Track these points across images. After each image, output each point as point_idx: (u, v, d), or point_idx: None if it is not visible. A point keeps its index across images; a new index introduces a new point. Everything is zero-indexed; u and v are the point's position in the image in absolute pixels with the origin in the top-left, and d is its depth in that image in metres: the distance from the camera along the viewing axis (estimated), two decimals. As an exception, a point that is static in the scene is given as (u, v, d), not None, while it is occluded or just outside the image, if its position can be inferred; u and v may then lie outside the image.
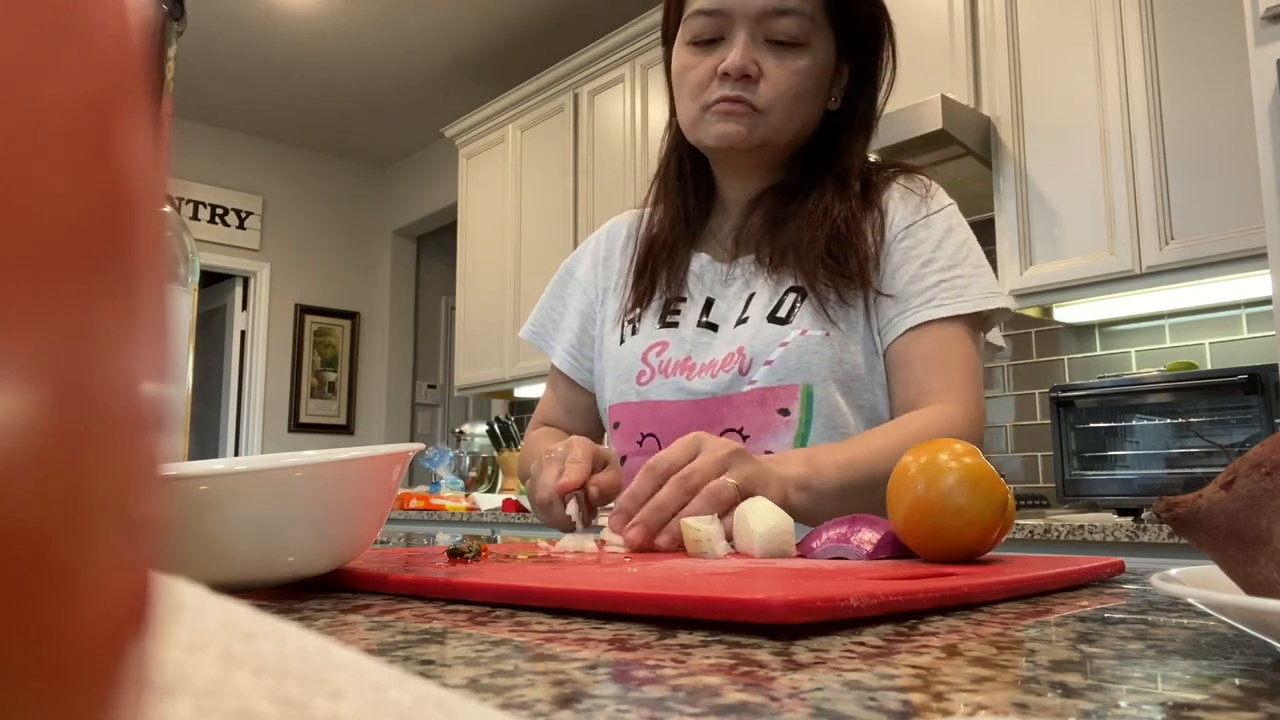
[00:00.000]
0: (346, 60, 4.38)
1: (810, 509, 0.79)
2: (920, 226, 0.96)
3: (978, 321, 0.96)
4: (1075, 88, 2.26)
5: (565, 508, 0.81)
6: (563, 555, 0.65)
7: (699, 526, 0.63)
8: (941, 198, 1.00)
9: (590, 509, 0.81)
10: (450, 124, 4.46)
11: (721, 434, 0.93)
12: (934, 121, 2.22)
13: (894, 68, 1.02)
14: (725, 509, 0.70)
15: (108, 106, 0.09)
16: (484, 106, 4.22)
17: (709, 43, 0.96)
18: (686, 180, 1.06)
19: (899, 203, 0.98)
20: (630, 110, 3.52)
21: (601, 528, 0.75)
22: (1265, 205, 1.79)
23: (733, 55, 0.93)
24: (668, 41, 1.05)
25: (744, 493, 0.71)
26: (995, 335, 1.05)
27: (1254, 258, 1.94)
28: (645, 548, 0.70)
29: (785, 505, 0.76)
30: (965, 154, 2.35)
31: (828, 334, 0.93)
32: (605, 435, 1.14)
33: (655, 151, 3.82)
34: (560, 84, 3.84)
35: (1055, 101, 2.29)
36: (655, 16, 3.40)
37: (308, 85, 4.63)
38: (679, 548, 0.68)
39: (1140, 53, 2.15)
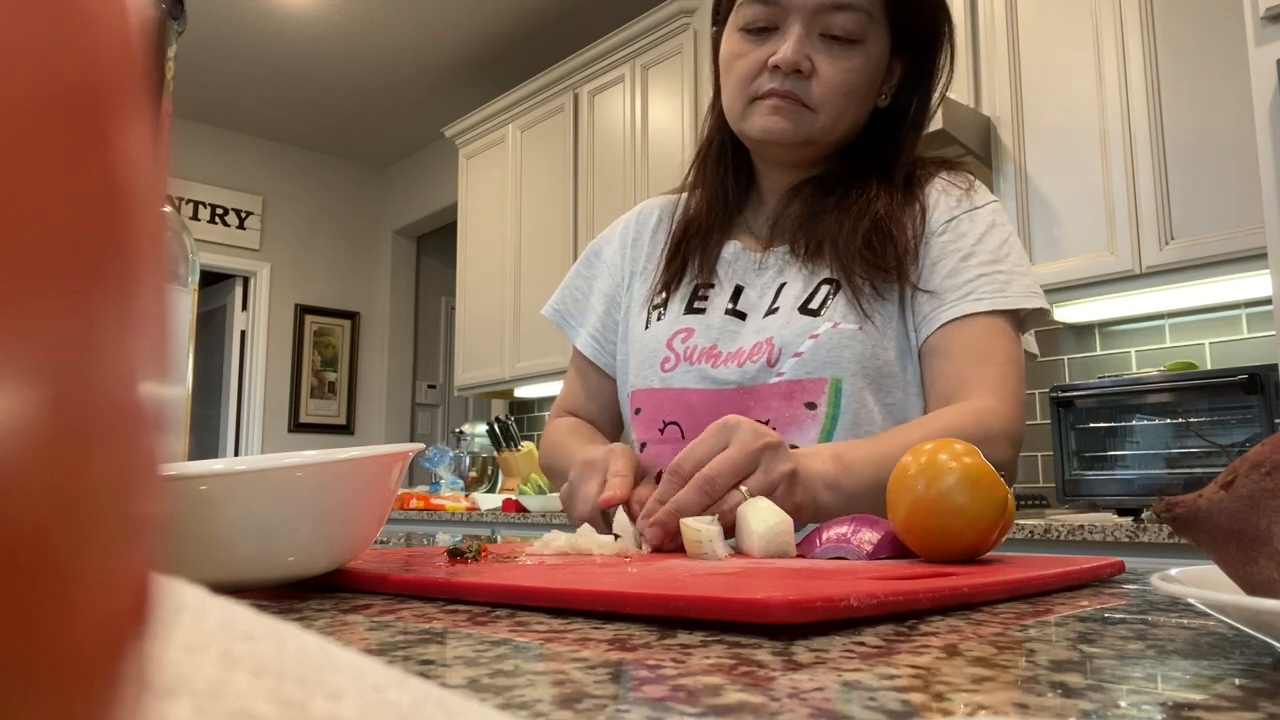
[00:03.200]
0: (346, 60, 4.38)
1: (841, 508, 0.76)
2: (963, 220, 0.94)
3: (1017, 320, 0.93)
4: (1075, 88, 2.26)
5: (608, 522, 0.80)
6: (539, 555, 0.65)
7: (699, 528, 0.63)
8: (984, 194, 0.97)
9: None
10: (450, 124, 4.46)
11: None
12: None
13: (951, 67, 0.99)
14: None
15: (108, 106, 0.09)
16: (484, 106, 4.22)
17: (761, 31, 0.94)
18: (727, 164, 1.03)
19: (940, 195, 0.96)
20: (630, 110, 3.52)
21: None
22: (1265, 205, 1.79)
23: (785, 49, 0.91)
24: (718, 21, 1.02)
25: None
26: (1029, 341, 1.00)
27: (1254, 258, 1.94)
28: (664, 548, 0.69)
29: (814, 505, 0.75)
30: (965, 154, 2.35)
31: (861, 328, 0.90)
32: (627, 423, 1.13)
33: (655, 151, 3.79)
34: (560, 84, 3.84)
35: (1055, 101, 2.29)
36: (655, 16, 3.40)
37: (308, 85, 4.63)
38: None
39: (1140, 53, 2.15)
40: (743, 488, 0.69)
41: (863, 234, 0.92)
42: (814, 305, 0.93)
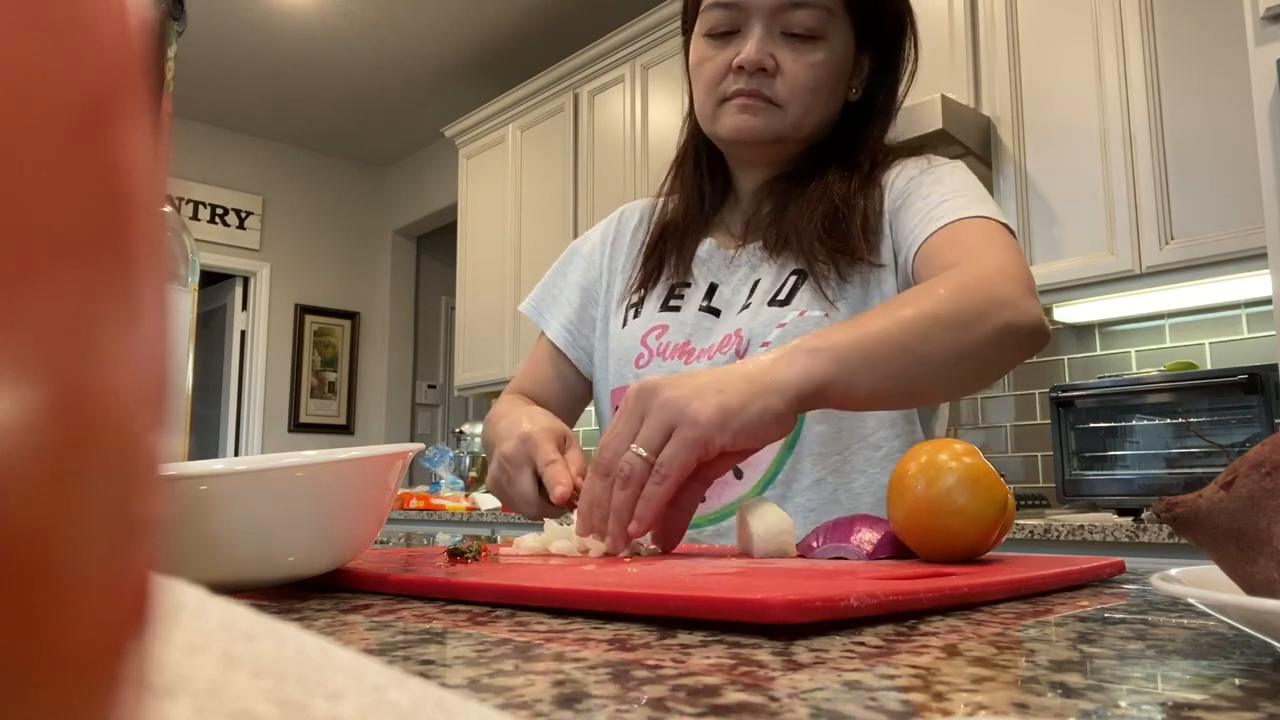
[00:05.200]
0: (347, 60, 4.38)
1: (835, 373, 0.68)
2: (925, 174, 0.95)
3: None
4: (1075, 88, 2.26)
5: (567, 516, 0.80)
6: (514, 555, 0.65)
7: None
8: (943, 160, 0.98)
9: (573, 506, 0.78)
10: (450, 124, 4.45)
11: None
12: (934, 121, 2.22)
13: (916, 57, 1.01)
14: (638, 488, 0.64)
15: (108, 106, 0.09)
16: (484, 106, 4.22)
17: (725, 35, 0.96)
18: (703, 170, 1.06)
19: (900, 171, 0.97)
20: (630, 110, 3.52)
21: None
22: (1265, 205, 1.79)
23: (747, 49, 0.93)
24: (687, 31, 1.04)
25: (654, 452, 0.64)
26: None
27: (1254, 258, 1.94)
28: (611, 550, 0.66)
29: (802, 372, 0.67)
30: (965, 154, 2.34)
31: (828, 315, 0.91)
32: (581, 411, 1.13)
33: (655, 151, 3.78)
34: (560, 84, 3.84)
35: (1055, 101, 2.29)
36: (655, 16, 3.40)
37: (308, 85, 4.62)
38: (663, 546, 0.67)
39: (1140, 53, 2.15)
40: (638, 449, 0.64)
41: (820, 219, 0.93)
42: (782, 296, 0.94)
